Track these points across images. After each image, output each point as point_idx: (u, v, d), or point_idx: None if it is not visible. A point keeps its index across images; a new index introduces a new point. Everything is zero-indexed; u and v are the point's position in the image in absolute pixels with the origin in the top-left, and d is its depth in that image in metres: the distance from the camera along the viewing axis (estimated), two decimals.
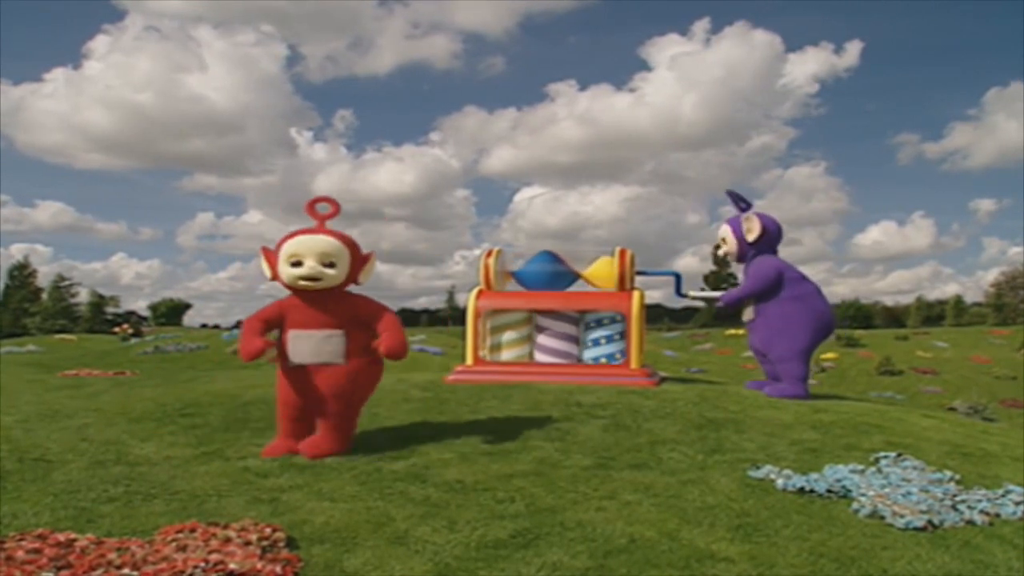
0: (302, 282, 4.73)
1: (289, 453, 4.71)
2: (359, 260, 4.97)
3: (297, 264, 4.73)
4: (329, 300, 4.86)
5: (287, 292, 4.93)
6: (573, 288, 8.28)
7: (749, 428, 5.56)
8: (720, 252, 7.94)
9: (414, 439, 5.09)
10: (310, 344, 4.81)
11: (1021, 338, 35.17)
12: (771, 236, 7.44)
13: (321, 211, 5.02)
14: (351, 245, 4.93)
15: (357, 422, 5.11)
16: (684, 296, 8.80)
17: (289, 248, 4.77)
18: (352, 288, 5.03)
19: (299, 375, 4.82)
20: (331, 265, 4.77)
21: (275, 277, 4.88)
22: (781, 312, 7.18)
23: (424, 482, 4.17)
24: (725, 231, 7.71)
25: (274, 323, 4.89)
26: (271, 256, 4.89)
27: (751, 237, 7.38)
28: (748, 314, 7.51)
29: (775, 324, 7.21)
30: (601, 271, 8.22)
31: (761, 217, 7.45)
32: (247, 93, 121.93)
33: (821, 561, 3.20)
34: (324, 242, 4.78)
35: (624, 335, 7.70)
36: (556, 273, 8.18)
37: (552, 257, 8.23)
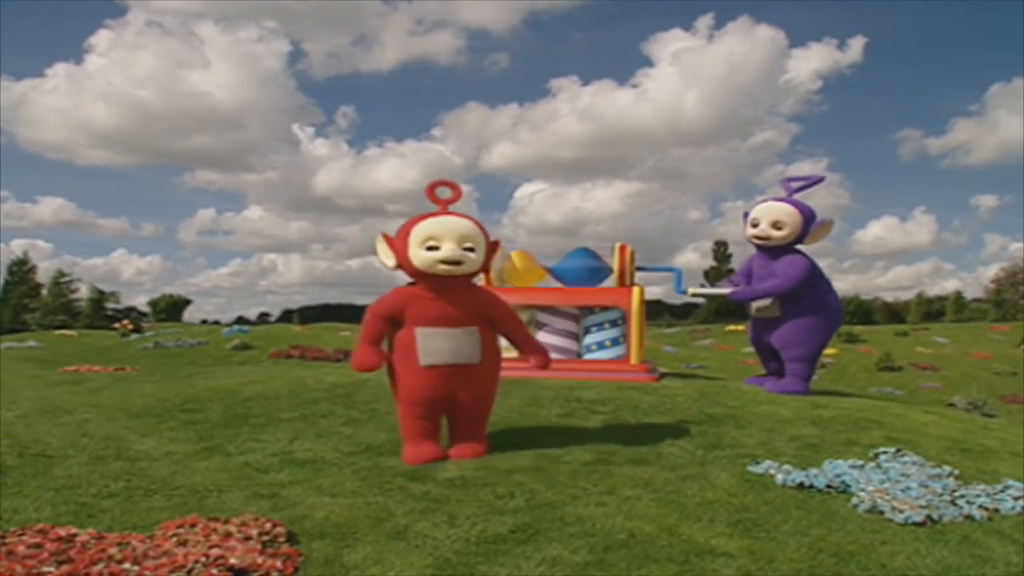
0: (442, 267, 4.33)
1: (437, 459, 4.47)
2: (491, 247, 4.63)
3: (434, 248, 4.34)
4: (460, 292, 4.49)
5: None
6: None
7: (749, 424, 5.56)
8: (757, 231, 7.10)
9: None
10: (447, 343, 4.43)
11: (1021, 334, 35.18)
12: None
13: (442, 195, 4.65)
14: (484, 230, 4.58)
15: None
16: (684, 293, 8.56)
17: (425, 230, 4.36)
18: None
19: (433, 376, 4.44)
20: (470, 249, 4.41)
21: (401, 265, 4.48)
22: (810, 317, 7.05)
23: (424, 478, 4.17)
24: (789, 214, 7.00)
25: (395, 318, 4.48)
26: (395, 242, 4.48)
27: (811, 243, 7.10)
28: (773, 309, 7.22)
29: (801, 327, 7.06)
30: (511, 269, 7.97)
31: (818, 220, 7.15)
32: (249, 89, 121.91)
33: (820, 556, 3.21)
34: (463, 224, 4.43)
35: (624, 338, 7.70)
36: (593, 269, 8.03)
37: (590, 253, 8.15)
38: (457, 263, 4.35)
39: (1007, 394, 21.22)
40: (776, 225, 7.07)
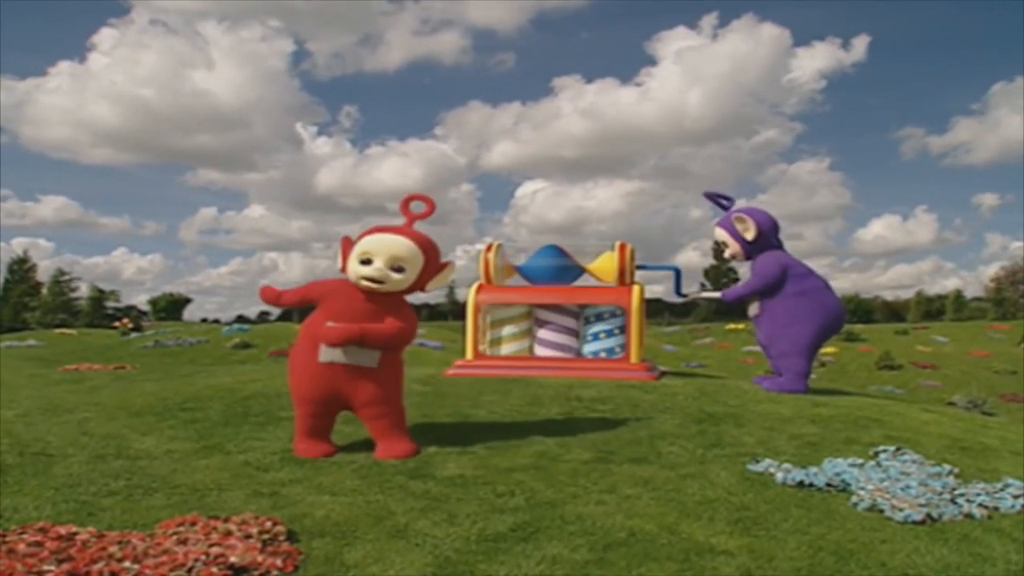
0: (364, 282, 4.50)
1: (326, 455, 4.59)
2: (433, 268, 4.67)
3: (366, 262, 4.50)
4: (379, 299, 4.58)
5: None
6: (578, 282, 8.27)
7: (749, 422, 5.57)
8: (726, 255, 7.85)
9: (414, 434, 5.09)
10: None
11: (1021, 333, 35.18)
12: (767, 231, 7.37)
13: (415, 210, 4.76)
14: (429, 250, 4.63)
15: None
16: (683, 296, 8.77)
17: (363, 245, 4.54)
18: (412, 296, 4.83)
19: (330, 372, 4.55)
20: (399, 269, 4.51)
21: (344, 270, 4.68)
22: (785, 308, 7.13)
23: (424, 476, 4.18)
24: (721, 235, 7.60)
25: (315, 303, 4.66)
26: (347, 249, 4.66)
27: (750, 236, 7.32)
28: (754, 309, 7.47)
29: (780, 319, 7.17)
30: (606, 265, 8.20)
31: (751, 213, 7.38)
32: (253, 89, 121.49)
33: (820, 554, 3.21)
34: (398, 244, 4.51)
35: (624, 329, 7.70)
36: (562, 267, 8.15)
37: (558, 251, 8.20)
38: (378, 282, 4.49)
39: (1007, 393, 21.19)
40: (725, 245, 7.74)
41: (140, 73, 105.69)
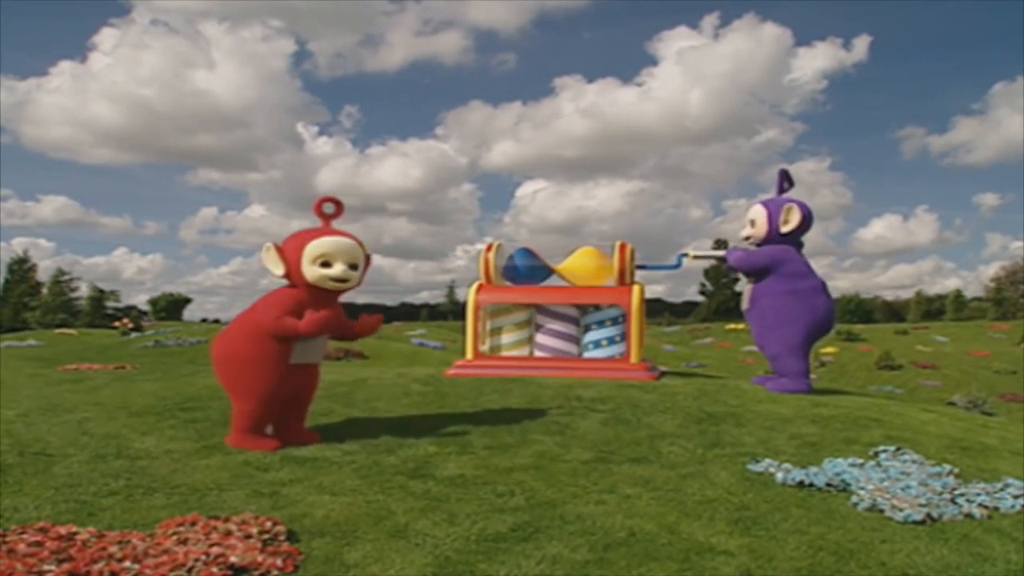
0: (332, 283, 4.72)
1: (274, 449, 4.71)
2: (367, 264, 5.01)
3: (326, 265, 4.69)
4: (332, 302, 4.89)
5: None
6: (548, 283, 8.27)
7: (749, 422, 5.57)
8: (743, 234, 7.52)
9: (414, 433, 5.11)
10: (317, 345, 4.89)
11: (1021, 332, 35.19)
12: (798, 231, 7.23)
13: (327, 211, 5.00)
14: (363, 248, 4.94)
15: None
16: (685, 256, 8.43)
17: (319, 248, 4.69)
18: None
19: (297, 372, 4.82)
20: (355, 267, 4.82)
21: (288, 275, 4.76)
22: (773, 307, 7.06)
23: (424, 476, 4.18)
24: (758, 213, 7.29)
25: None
26: (287, 254, 4.74)
27: (785, 228, 7.13)
28: (745, 303, 7.42)
29: (768, 319, 7.09)
30: (577, 265, 8.14)
31: (802, 208, 7.18)
32: (254, 88, 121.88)
33: (820, 554, 3.21)
34: (352, 245, 4.80)
35: (623, 337, 7.70)
36: (531, 268, 8.16)
37: (528, 253, 8.21)
38: (345, 281, 4.78)
39: (1007, 392, 21.20)
40: (752, 223, 7.45)
41: (141, 73, 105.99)
